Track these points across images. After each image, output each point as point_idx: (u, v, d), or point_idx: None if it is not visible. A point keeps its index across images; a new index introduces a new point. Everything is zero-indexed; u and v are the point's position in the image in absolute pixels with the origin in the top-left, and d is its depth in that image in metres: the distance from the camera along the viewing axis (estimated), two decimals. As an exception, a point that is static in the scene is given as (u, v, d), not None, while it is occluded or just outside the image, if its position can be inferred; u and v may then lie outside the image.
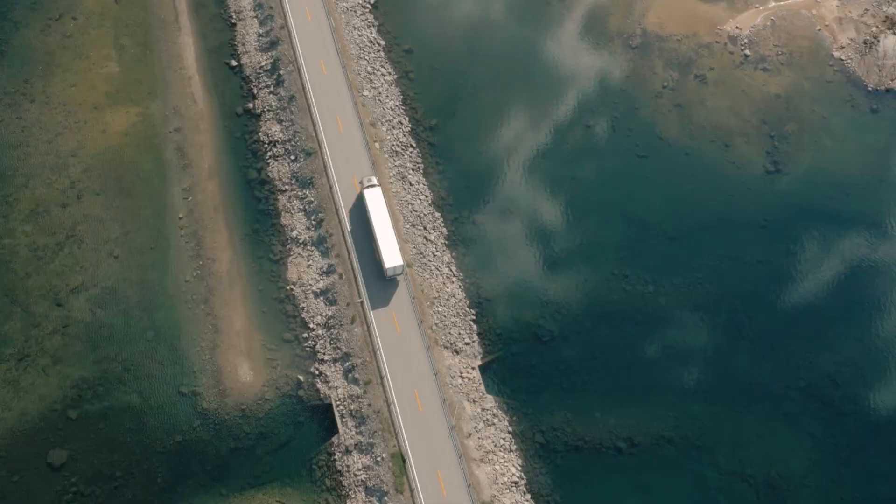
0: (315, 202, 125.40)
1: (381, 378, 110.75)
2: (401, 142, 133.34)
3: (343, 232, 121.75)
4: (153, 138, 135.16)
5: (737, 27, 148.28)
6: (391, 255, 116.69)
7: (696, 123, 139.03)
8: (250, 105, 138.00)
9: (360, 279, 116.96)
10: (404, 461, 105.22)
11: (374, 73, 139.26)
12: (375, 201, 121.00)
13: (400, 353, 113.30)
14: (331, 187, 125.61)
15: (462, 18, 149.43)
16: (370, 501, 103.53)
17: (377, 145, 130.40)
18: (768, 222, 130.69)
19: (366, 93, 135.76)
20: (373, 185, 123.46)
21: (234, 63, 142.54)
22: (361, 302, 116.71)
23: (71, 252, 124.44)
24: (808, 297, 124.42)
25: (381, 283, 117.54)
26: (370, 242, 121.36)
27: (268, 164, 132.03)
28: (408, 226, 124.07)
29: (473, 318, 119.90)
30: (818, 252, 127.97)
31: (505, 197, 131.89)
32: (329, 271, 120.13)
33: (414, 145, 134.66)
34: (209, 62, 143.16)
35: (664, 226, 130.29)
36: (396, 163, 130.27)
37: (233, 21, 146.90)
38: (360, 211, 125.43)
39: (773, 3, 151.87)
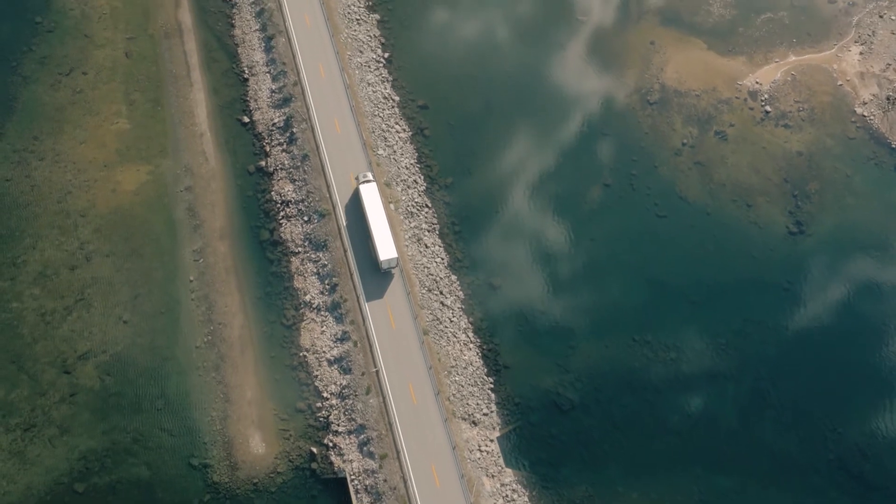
0: (329, 266, 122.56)
1: (398, 452, 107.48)
2: (416, 202, 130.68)
3: (358, 297, 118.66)
4: (164, 197, 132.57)
5: (757, 82, 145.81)
6: (385, 248, 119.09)
7: (716, 182, 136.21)
8: (263, 163, 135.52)
9: (373, 340, 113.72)
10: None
11: (388, 131, 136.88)
12: (370, 196, 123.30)
13: (417, 425, 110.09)
14: (345, 251, 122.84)
15: (477, 72, 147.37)
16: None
17: (392, 206, 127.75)
18: (792, 284, 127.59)
19: (381, 151, 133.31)
20: (368, 181, 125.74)
21: (246, 119, 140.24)
22: (377, 371, 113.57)
23: (80, 316, 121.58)
24: (835, 364, 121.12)
25: (397, 351, 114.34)
26: (365, 237, 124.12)
27: (280, 224, 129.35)
28: (424, 291, 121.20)
29: (492, 386, 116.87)
30: (843, 316, 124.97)
31: (522, 258, 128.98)
32: (343, 338, 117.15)
33: (429, 205, 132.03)
34: (221, 118, 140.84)
35: (686, 288, 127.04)
36: (412, 224, 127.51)
37: (245, 76, 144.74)
38: (355, 206, 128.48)
39: (793, 58, 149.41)
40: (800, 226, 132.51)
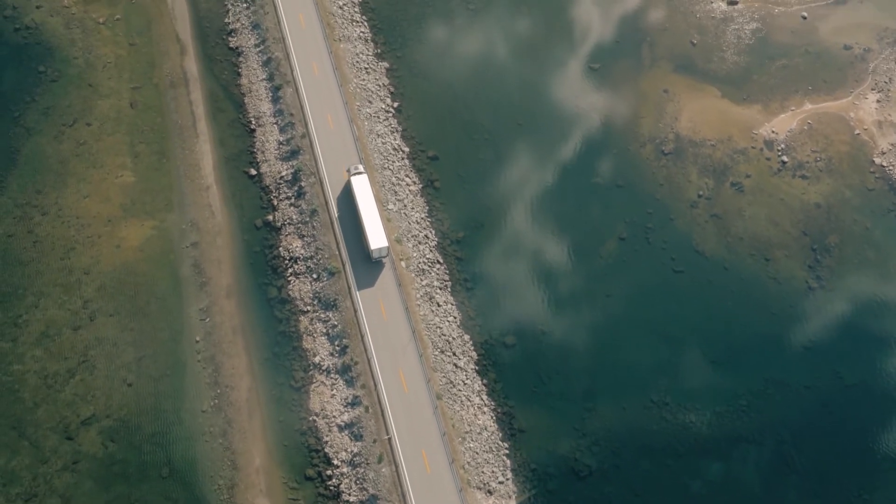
0: (339, 326, 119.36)
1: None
2: (427, 258, 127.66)
3: (369, 360, 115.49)
4: (169, 254, 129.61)
5: (773, 131, 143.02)
6: (376, 238, 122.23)
7: (733, 235, 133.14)
8: (270, 217, 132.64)
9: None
10: None
11: (398, 184, 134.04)
12: (362, 188, 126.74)
13: (431, 495, 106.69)
14: (355, 311, 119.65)
15: (488, 121, 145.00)
16: None
17: (403, 264, 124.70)
18: (813, 343, 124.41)
19: (391, 206, 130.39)
20: (359, 173, 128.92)
21: (253, 172, 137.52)
22: (389, 438, 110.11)
23: (83, 379, 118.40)
24: (860, 427, 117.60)
25: (410, 416, 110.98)
26: (357, 227, 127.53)
27: (288, 281, 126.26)
28: (436, 352, 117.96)
29: (507, 452, 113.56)
30: (868, 376, 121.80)
31: (536, 315, 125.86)
32: (354, 403, 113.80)
33: (441, 261, 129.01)
34: (227, 171, 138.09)
35: (704, 347, 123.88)
36: (423, 282, 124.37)
37: (252, 127, 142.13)
38: (347, 198, 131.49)
39: (810, 106, 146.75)
40: (820, 281, 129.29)
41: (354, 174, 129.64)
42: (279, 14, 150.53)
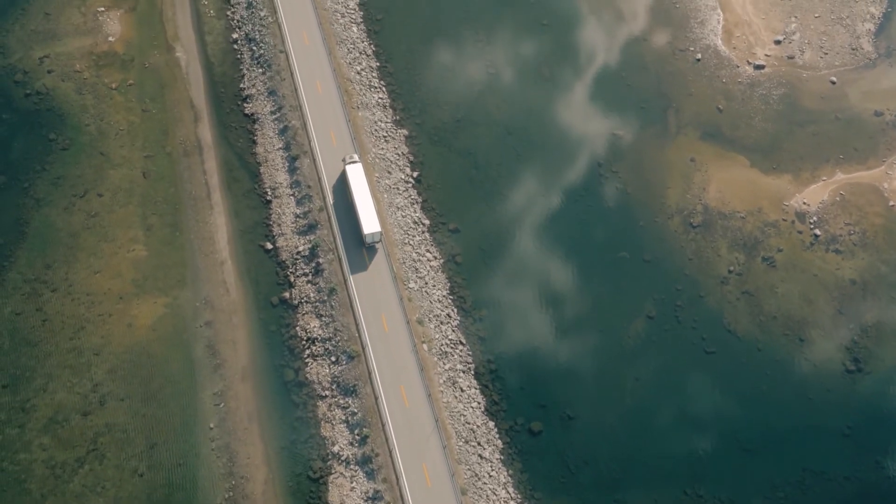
0: (359, 414, 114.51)
1: None
2: (450, 339, 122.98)
3: (391, 451, 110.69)
4: (182, 333, 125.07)
5: (804, 203, 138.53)
6: (369, 223, 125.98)
7: (766, 314, 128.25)
8: (287, 294, 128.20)
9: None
10: None
11: (419, 260, 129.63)
12: (356, 176, 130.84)
13: None
14: (376, 398, 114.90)
15: (510, 192, 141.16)
16: None
17: (425, 346, 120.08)
18: (852, 430, 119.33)
19: (412, 284, 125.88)
20: (354, 162, 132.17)
21: (269, 246, 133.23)
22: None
23: (92, 469, 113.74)
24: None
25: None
26: (351, 214, 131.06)
27: (306, 363, 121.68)
28: (461, 443, 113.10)
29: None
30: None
31: (562, 400, 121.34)
32: (375, 498, 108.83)
33: (463, 341, 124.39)
34: (242, 244, 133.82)
35: (739, 435, 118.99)
36: (446, 366, 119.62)
37: (268, 198, 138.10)
38: (342, 187, 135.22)
39: (841, 175, 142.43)
40: (857, 363, 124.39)
41: (349, 163, 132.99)
42: (296, 80, 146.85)
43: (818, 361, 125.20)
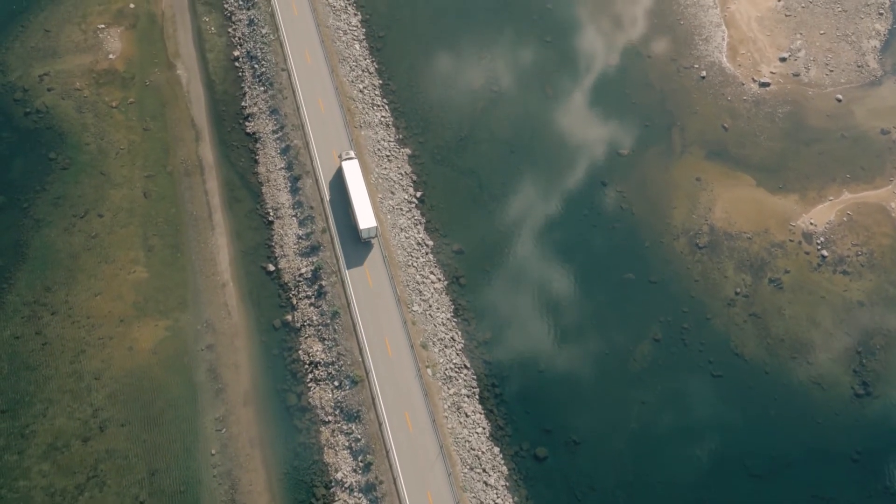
0: (363, 440, 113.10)
1: None
2: (454, 363, 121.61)
3: (395, 479, 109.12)
4: (184, 356, 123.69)
5: (811, 223, 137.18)
6: (365, 218, 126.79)
7: (774, 336, 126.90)
8: (289, 317, 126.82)
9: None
10: None
11: (423, 282, 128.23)
12: (352, 172, 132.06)
13: None
14: (380, 424, 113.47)
15: (512, 210, 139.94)
16: None
17: (429, 371, 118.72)
18: (861, 455, 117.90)
19: (416, 307, 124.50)
20: (350, 158, 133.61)
21: (271, 268, 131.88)
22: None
23: (92, 496, 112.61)
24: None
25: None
26: (347, 209, 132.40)
27: (308, 388, 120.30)
28: (465, 470, 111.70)
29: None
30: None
31: (568, 426, 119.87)
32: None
33: (468, 365, 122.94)
34: (244, 265, 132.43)
35: (746, 459, 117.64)
36: (451, 391, 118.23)
37: (270, 219, 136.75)
38: (338, 182, 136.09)
39: (848, 195, 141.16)
40: (866, 387, 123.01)
41: (346, 159, 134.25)
42: (298, 99, 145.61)
43: (826, 385, 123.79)
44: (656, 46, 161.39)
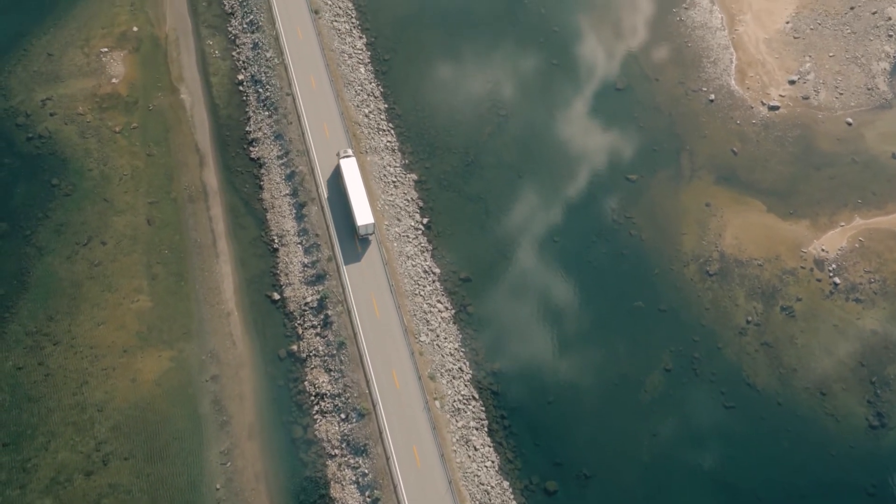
0: (370, 475, 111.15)
1: None
2: (462, 395, 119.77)
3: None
4: (188, 388, 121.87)
5: (822, 249, 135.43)
6: (363, 214, 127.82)
7: (786, 366, 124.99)
8: (294, 347, 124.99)
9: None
10: None
11: (430, 312, 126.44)
12: (350, 169, 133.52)
13: None
14: (387, 458, 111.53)
15: (521, 239, 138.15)
16: None
17: (437, 403, 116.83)
18: (877, 489, 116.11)
19: (423, 338, 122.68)
20: (348, 156, 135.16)
21: (276, 296, 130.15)
22: None
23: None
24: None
25: None
26: (345, 205, 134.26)
27: (315, 420, 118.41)
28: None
29: None
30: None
31: (578, 459, 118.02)
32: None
33: (476, 396, 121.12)
34: (249, 294, 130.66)
35: (760, 492, 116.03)
36: (459, 424, 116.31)
37: (275, 246, 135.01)
38: (336, 180, 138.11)
39: (860, 220, 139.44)
40: (881, 418, 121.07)
41: (343, 157, 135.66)
42: (303, 124, 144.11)
43: (840, 416, 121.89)
44: (664, 69, 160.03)
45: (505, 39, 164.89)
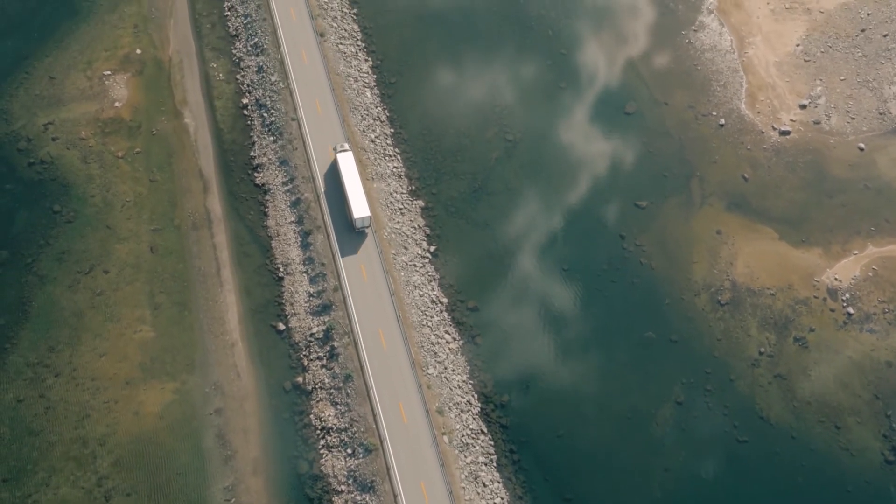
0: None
1: None
2: (471, 429, 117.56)
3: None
4: (192, 421, 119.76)
5: (836, 278, 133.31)
6: (360, 208, 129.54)
7: (800, 399, 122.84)
8: (300, 379, 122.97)
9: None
10: None
11: (438, 343, 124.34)
12: (347, 163, 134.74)
13: None
14: (395, 496, 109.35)
15: (529, 268, 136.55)
16: None
17: (446, 438, 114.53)
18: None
19: (430, 370, 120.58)
20: (345, 150, 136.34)
21: (281, 327, 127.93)
22: None
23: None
24: None
25: None
26: (342, 200, 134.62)
27: (321, 454, 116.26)
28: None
29: None
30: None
31: (589, 494, 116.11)
32: None
33: (485, 431, 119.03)
34: (254, 324, 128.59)
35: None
36: (468, 459, 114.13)
37: (280, 275, 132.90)
38: (333, 174, 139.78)
39: (873, 248, 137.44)
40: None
41: (340, 151, 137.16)
42: (308, 150, 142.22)
43: (855, 451, 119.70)
44: (673, 93, 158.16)
45: (512, 63, 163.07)
